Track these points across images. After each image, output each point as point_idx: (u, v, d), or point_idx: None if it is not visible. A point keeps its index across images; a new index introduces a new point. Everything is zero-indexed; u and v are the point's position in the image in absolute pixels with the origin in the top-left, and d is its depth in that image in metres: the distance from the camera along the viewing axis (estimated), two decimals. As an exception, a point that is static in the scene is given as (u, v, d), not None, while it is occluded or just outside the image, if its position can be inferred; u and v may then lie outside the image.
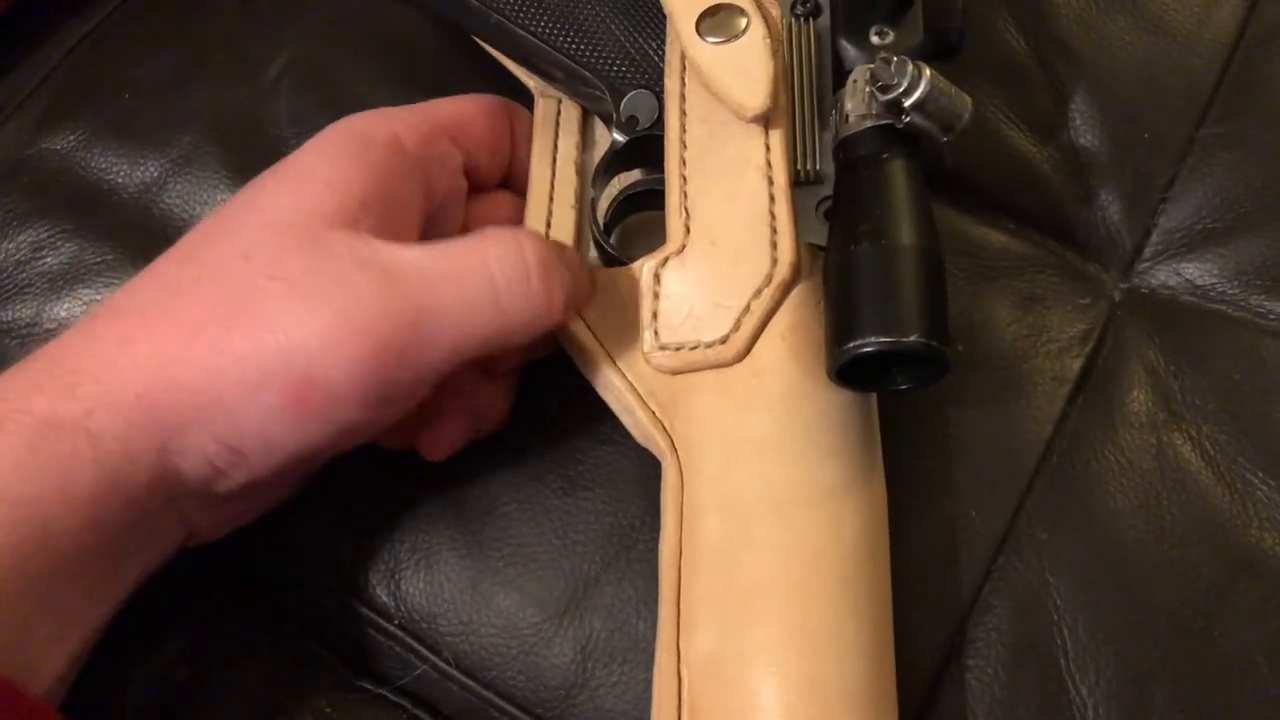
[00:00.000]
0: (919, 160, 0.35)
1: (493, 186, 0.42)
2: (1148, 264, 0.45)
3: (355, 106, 0.39)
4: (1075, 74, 0.48)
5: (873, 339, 0.32)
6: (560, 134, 0.43)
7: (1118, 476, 0.40)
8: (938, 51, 0.38)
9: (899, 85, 0.34)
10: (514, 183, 0.43)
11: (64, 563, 0.31)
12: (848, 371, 0.33)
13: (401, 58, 0.49)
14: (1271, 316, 0.43)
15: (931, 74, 0.34)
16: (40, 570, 0.30)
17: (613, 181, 0.42)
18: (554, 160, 0.42)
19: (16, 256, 0.46)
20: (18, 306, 0.45)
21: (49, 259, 0.46)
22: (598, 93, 0.41)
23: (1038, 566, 0.39)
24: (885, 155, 0.35)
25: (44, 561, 0.30)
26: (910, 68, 0.34)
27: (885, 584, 0.35)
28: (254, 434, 0.33)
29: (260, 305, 0.33)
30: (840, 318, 0.33)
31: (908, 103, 0.34)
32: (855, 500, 0.34)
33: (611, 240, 0.41)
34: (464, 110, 0.40)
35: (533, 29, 0.41)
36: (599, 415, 0.39)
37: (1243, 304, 0.44)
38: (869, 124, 0.35)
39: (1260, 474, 0.40)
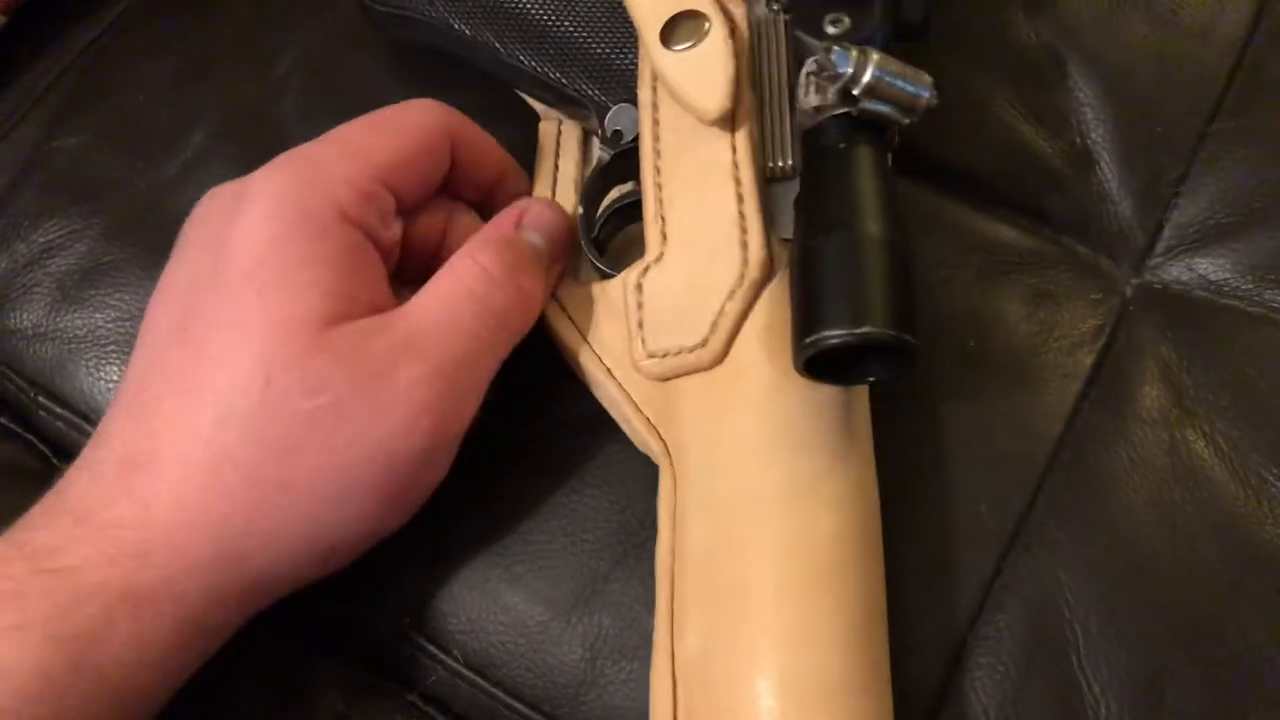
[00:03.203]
0: (882, 148, 0.35)
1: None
2: (1160, 259, 0.45)
3: (362, 102, 0.39)
4: (1087, 68, 0.48)
5: (836, 331, 0.31)
6: (560, 155, 0.44)
7: (1130, 473, 0.40)
8: (900, 34, 0.37)
9: (844, 73, 0.33)
10: (459, 189, 0.41)
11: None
12: (816, 365, 0.32)
13: (409, 53, 0.49)
14: (1285, 311, 0.43)
15: (880, 58, 0.33)
16: None
17: (609, 195, 0.42)
18: (554, 182, 0.43)
19: (28, 256, 0.46)
20: (28, 307, 0.45)
21: (60, 259, 0.46)
22: (585, 110, 0.42)
23: (1049, 563, 0.38)
24: (844, 145, 0.34)
25: None
26: (854, 54, 0.33)
27: (872, 575, 0.34)
28: (341, 537, 0.34)
29: (318, 433, 0.32)
30: (804, 311, 0.33)
31: (856, 90, 0.34)
32: (830, 494, 0.34)
33: (607, 254, 0.41)
34: (402, 149, 0.38)
35: (517, 54, 0.42)
36: (606, 413, 0.39)
37: (1256, 299, 0.43)
38: (827, 115, 0.35)
39: (1274, 470, 0.39)
